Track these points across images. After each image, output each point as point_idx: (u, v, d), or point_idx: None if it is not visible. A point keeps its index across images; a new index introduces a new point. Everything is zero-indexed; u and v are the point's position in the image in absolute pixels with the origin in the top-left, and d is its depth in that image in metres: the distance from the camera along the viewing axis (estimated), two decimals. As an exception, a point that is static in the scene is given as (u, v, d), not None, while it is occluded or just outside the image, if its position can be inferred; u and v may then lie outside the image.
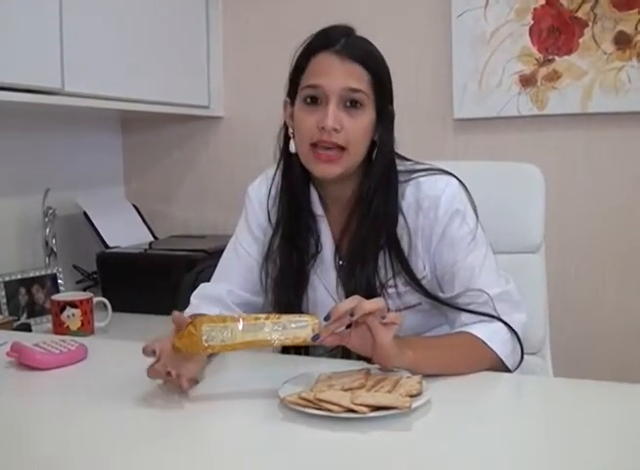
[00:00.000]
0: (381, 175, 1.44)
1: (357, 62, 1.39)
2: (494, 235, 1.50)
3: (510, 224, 1.74)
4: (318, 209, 1.51)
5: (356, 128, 1.40)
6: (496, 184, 1.77)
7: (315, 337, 1.21)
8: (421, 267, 1.46)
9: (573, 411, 1.17)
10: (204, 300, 1.56)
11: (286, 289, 1.51)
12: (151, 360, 1.25)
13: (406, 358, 1.26)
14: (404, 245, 1.44)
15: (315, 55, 1.41)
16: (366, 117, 1.41)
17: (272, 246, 1.52)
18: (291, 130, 1.46)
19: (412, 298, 1.47)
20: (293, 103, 1.45)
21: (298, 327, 1.21)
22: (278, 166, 1.53)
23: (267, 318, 1.21)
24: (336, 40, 1.40)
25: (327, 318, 1.21)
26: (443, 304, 1.46)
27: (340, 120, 1.38)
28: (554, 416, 1.16)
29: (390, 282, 1.45)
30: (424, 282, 1.46)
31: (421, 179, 1.46)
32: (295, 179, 1.49)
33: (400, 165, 1.49)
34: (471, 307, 1.43)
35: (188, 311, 1.53)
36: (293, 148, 1.46)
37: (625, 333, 2.42)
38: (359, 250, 1.45)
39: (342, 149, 1.39)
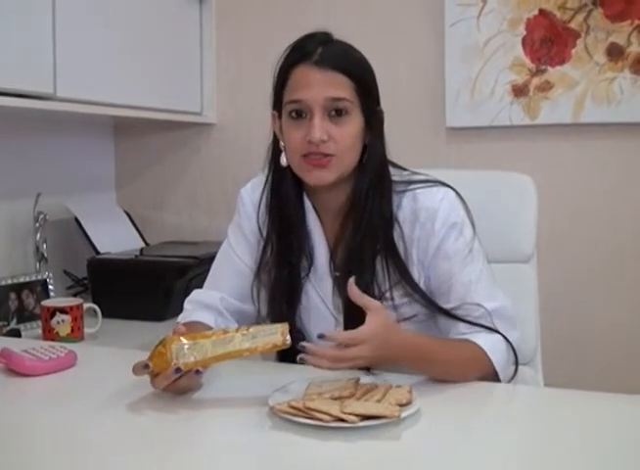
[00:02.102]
0: (373, 178, 1.43)
1: (337, 69, 1.38)
2: (486, 244, 1.50)
3: (501, 234, 1.73)
4: (312, 219, 1.50)
5: (345, 136, 1.39)
6: (488, 193, 1.76)
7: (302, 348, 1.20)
8: (416, 278, 1.45)
9: (564, 421, 1.17)
10: (197, 306, 1.56)
11: (279, 304, 1.49)
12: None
13: (407, 362, 1.29)
14: (400, 254, 1.44)
15: (294, 68, 1.39)
16: (353, 124, 1.40)
17: (263, 260, 1.51)
18: (282, 143, 1.45)
19: (408, 310, 1.45)
20: (280, 116, 1.44)
21: (268, 334, 1.22)
22: (267, 180, 1.51)
23: (237, 331, 1.22)
24: (313, 50, 1.39)
25: (320, 336, 1.21)
26: (442, 312, 1.44)
27: (326, 131, 1.37)
28: (544, 426, 1.16)
29: (387, 295, 1.43)
30: (415, 298, 1.44)
31: (418, 190, 1.44)
32: (286, 192, 1.47)
33: (396, 175, 1.48)
34: (466, 317, 1.42)
35: (182, 318, 1.53)
36: (284, 161, 1.44)
37: (617, 343, 2.43)
38: (355, 257, 1.43)
39: (332, 155, 1.38)
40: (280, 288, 1.49)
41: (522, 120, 2.45)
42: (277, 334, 1.22)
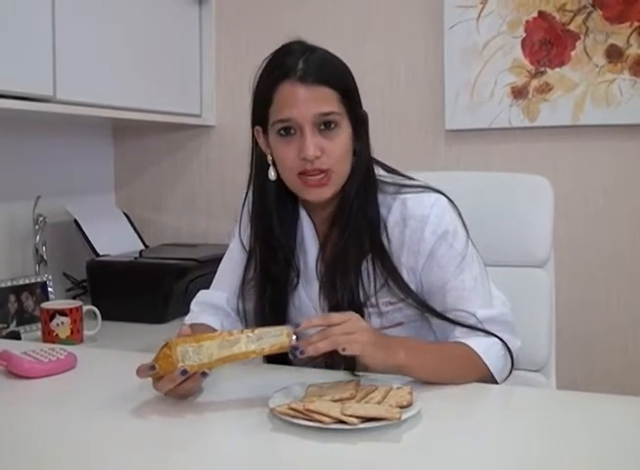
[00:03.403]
0: (360, 182, 1.42)
1: (322, 83, 1.35)
2: (499, 248, 1.46)
3: (516, 237, 1.70)
4: (306, 224, 1.49)
5: (337, 149, 1.37)
6: (504, 196, 1.74)
7: (295, 350, 1.20)
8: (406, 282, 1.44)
9: (565, 422, 1.17)
10: (204, 307, 1.56)
11: (264, 314, 1.49)
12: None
13: (398, 360, 1.26)
14: (389, 256, 1.42)
15: (278, 86, 1.36)
16: (344, 134, 1.38)
17: (246, 278, 1.51)
18: (270, 158, 1.43)
19: (398, 315, 1.45)
20: (265, 131, 1.43)
21: (273, 336, 1.22)
22: (247, 195, 1.50)
23: (242, 332, 1.22)
24: (295, 65, 1.35)
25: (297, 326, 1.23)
26: (435, 314, 1.43)
27: (319, 146, 1.35)
28: (545, 427, 1.16)
29: (373, 300, 1.42)
30: (408, 301, 1.43)
31: (408, 196, 1.42)
32: (278, 203, 1.46)
33: (388, 178, 1.46)
34: (460, 327, 1.41)
35: (189, 319, 1.53)
36: (272, 176, 1.43)
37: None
38: (340, 261, 1.42)
39: (328, 170, 1.37)
40: (266, 302, 1.49)
41: (521, 122, 2.45)
42: (282, 335, 1.21)
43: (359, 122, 1.43)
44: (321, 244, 1.49)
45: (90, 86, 2.22)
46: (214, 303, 1.56)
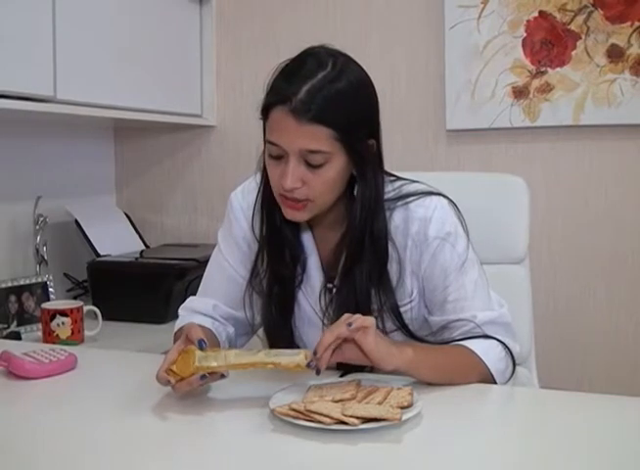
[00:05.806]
0: (365, 208, 1.38)
1: (316, 122, 1.27)
2: (478, 245, 1.48)
3: (494, 235, 1.73)
4: (305, 231, 1.48)
5: (320, 182, 1.33)
6: (481, 195, 1.77)
7: (311, 364, 1.21)
8: (408, 294, 1.44)
9: (563, 423, 1.17)
10: (192, 312, 1.55)
11: (273, 315, 1.48)
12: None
13: (406, 357, 1.27)
14: (392, 274, 1.41)
15: (274, 107, 1.30)
16: (332, 169, 1.33)
17: (255, 270, 1.49)
18: None
19: (391, 323, 1.43)
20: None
21: (290, 355, 1.23)
22: (260, 189, 1.47)
23: (259, 351, 1.24)
24: (292, 94, 1.27)
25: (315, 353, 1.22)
26: (426, 342, 1.43)
27: (300, 178, 1.31)
28: (544, 428, 1.16)
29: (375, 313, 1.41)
30: (410, 306, 1.44)
31: (410, 204, 1.41)
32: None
33: (390, 190, 1.43)
34: (460, 331, 1.41)
35: (180, 323, 1.52)
36: None
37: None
38: (349, 287, 1.41)
39: (307, 200, 1.34)
40: (273, 301, 1.48)
41: (522, 122, 2.45)
42: (301, 355, 1.22)
43: (360, 152, 1.35)
44: (323, 257, 1.48)
45: (90, 86, 2.22)
46: (200, 309, 1.54)
